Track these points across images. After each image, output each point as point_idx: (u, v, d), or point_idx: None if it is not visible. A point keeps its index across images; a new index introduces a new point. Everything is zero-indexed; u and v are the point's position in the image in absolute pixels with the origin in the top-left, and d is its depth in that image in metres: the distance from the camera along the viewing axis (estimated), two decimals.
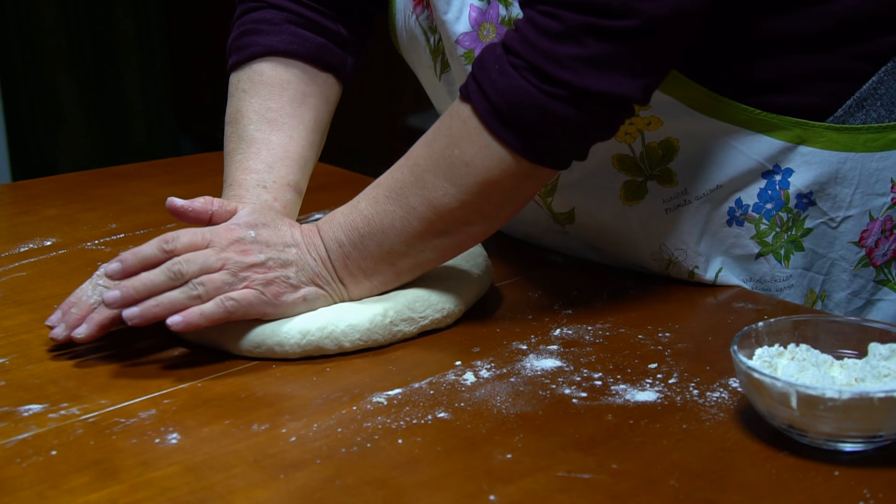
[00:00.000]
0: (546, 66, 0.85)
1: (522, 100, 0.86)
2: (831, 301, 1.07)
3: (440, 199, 0.91)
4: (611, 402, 0.84)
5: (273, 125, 1.06)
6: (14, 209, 1.40)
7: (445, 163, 0.90)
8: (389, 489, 0.72)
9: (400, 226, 0.92)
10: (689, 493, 0.72)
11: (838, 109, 1.01)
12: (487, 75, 0.88)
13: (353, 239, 0.94)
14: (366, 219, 0.94)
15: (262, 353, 0.92)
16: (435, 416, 0.81)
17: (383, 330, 0.93)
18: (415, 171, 0.92)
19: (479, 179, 0.90)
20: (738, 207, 1.03)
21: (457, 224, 0.93)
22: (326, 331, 0.92)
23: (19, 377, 0.89)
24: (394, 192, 0.93)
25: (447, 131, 0.91)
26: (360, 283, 0.96)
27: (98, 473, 0.74)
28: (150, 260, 0.90)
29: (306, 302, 0.94)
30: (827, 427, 0.74)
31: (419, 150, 0.93)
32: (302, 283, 0.93)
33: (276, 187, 1.03)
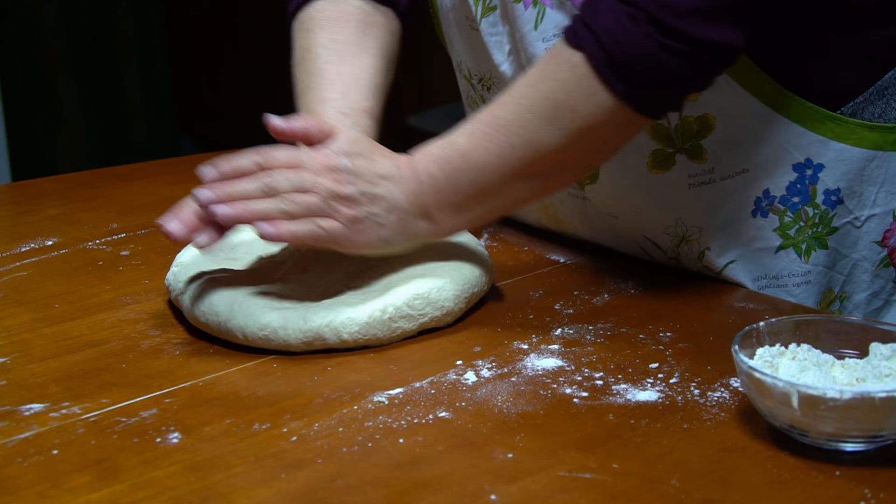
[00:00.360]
0: (666, 18, 0.87)
1: (639, 50, 0.88)
2: (850, 303, 1.07)
3: (541, 140, 0.92)
4: (612, 401, 0.84)
5: (341, 56, 1.09)
6: (15, 209, 1.40)
7: (551, 106, 0.91)
8: (391, 488, 0.72)
9: (497, 163, 0.93)
10: (690, 492, 0.72)
11: (859, 95, 1.02)
12: (603, 24, 0.89)
13: (447, 172, 0.95)
14: (462, 153, 0.94)
15: (266, 335, 0.92)
16: (436, 416, 0.82)
17: (382, 325, 0.93)
18: (517, 111, 0.93)
19: (582, 125, 0.91)
20: (765, 198, 1.03)
21: (552, 166, 0.94)
22: (326, 319, 0.92)
23: (20, 376, 0.89)
24: (493, 128, 0.93)
25: (554, 75, 0.92)
26: (448, 218, 0.96)
27: (99, 473, 0.74)
28: (244, 170, 0.93)
29: (387, 244, 0.95)
30: (828, 427, 0.74)
31: (523, 90, 0.93)
32: (387, 223, 0.94)
33: (354, 113, 1.06)
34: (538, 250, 1.18)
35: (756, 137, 1.02)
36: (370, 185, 0.94)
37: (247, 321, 0.92)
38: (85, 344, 0.95)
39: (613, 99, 0.90)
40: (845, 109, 1.02)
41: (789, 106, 1.01)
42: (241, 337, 0.93)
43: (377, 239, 0.95)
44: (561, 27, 1.00)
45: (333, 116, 1.05)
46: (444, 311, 0.97)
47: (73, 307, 1.03)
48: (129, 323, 0.99)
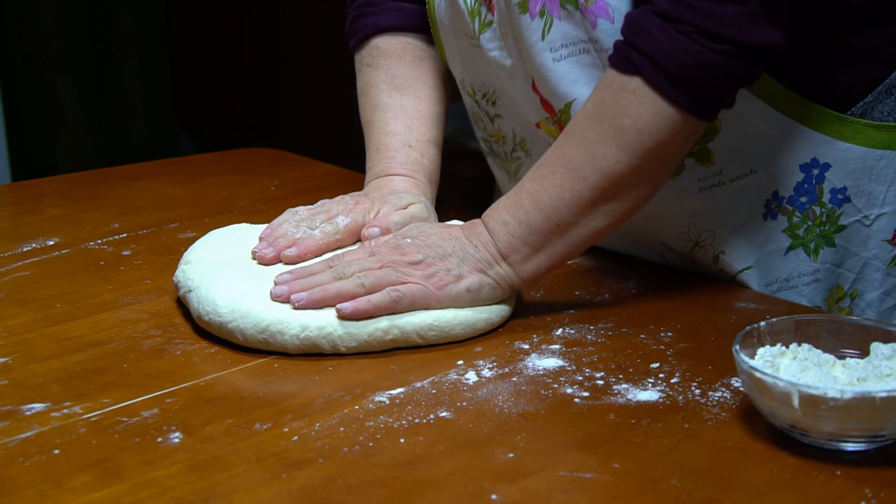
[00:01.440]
0: (716, 28, 0.89)
1: (697, 61, 0.90)
2: (863, 301, 1.08)
3: (612, 167, 0.93)
4: (613, 401, 0.84)
5: (401, 90, 1.17)
6: (17, 209, 1.40)
7: (615, 133, 0.93)
8: (391, 488, 0.72)
9: (570, 197, 0.95)
10: (691, 492, 0.72)
11: (868, 95, 1.02)
12: (657, 45, 0.91)
13: (518, 217, 0.96)
14: (532, 196, 0.96)
15: (265, 339, 0.92)
16: (437, 416, 0.82)
17: (381, 344, 0.93)
18: (582, 144, 0.94)
19: (651, 144, 0.92)
20: (775, 200, 1.04)
21: (626, 189, 0.95)
22: (324, 332, 0.92)
23: (22, 376, 0.89)
24: (561, 166, 0.95)
25: (613, 103, 0.93)
26: (528, 260, 0.97)
27: (100, 472, 0.74)
28: (317, 270, 0.98)
29: (470, 292, 0.96)
30: (829, 427, 0.74)
31: (584, 124, 0.95)
32: (464, 274, 0.96)
33: (420, 144, 1.15)
34: None
35: (762, 138, 1.02)
36: (437, 247, 0.97)
37: (246, 323, 0.92)
38: (86, 344, 0.95)
39: (678, 112, 0.92)
40: (855, 109, 1.02)
41: (794, 107, 1.01)
42: (240, 338, 0.93)
43: (462, 290, 0.95)
44: (571, 38, 1.01)
45: (401, 149, 1.13)
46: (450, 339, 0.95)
47: (74, 307, 1.03)
48: (131, 323, 0.99)
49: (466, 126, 1.25)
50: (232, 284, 0.96)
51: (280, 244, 1.03)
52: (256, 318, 0.92)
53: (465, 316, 0.95)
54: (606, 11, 0.97)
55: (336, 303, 0.93)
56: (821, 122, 1.02)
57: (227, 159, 1.60)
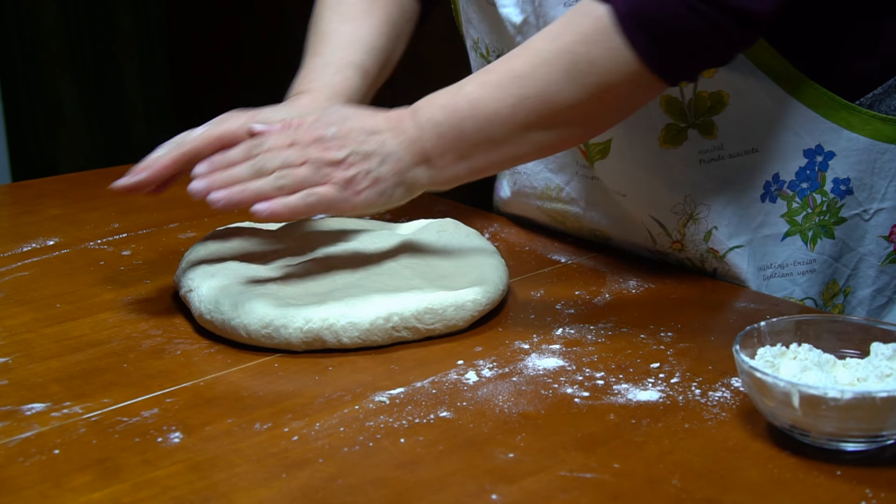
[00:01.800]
0: None
1: (667, 10, 0.87)
2: (855, 298, 1.08)
3: (555, 94, 0.91)
4: (613, 401, 0.84)
5: (343, 17, 1.15)
6: (17, 209, 1.40)
7: (569, 59, 0.90)
8: (391, 488, 0.72)
9: (507, 114, 0.92)
10: (691, 492, 0.72)
11: (878, 87, 1.02)
12: None
13: (452, 121, 0.93)
14: (471, 102, 0.93)
15: (269, 333, 0.92)
16: (437, 416, 0.82)
17: (383, 333, 0.93)
18: (533, 63, 0.92)
19: (599, 81, 0.90)
20: (775, 182, 1.04)
21: (562, 122, 0.93)
22: (327, 322, 0.92)
23: (22, 376, 0.89)
24: (507, 79, 0.92)
25: (576, 28, 0.91)
26: (449, 166, 0.95)
27: (100, 472, 0.74)
28: (234, 160, 0.94)
29: (383, 196, 0.94)
30: (829, 427, 0.74)
31: (541, 42, 0.93)
32: (382, 176, 0.93)
33: (340, 64, 1.11)
34: (539, 250, 1.18)
35: (768, 118, 1.02)
36: (358, 144, 0.94)
37: (250, 319, 0.92)
38: (86, 344, 0.95)
39: (633, 57, 0.89)
40: (864, 100, 1.02)
41: (804, 90, 1.01)
42: (244, 335, 0.93)
43: (375, 194, 0.94)
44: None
45: (319, 70, 1.10)
46: (451, 326, 0.96)
47: (74, 307, 1.03)
48: (131, 323, 0.99)
49: None
50: (233, 282, 0.97)
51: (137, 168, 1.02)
52: (260, 314, 0.92)
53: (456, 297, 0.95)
54: None
55: (254, 202, 0.91)
56: (829, 108, 1.01)
57: None
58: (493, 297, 0.99)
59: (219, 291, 0.95)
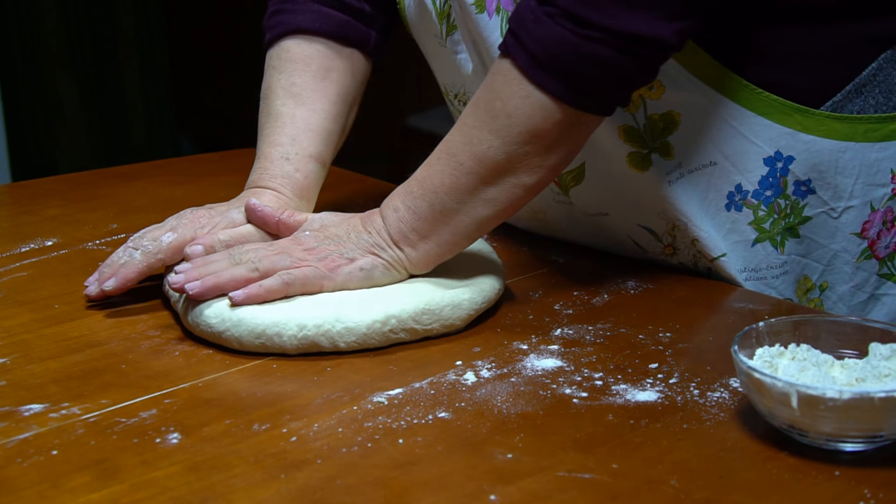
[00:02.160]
0: (577, 9, 0.88)
1: (559, 45, 0.89)
2: (834, 293, 1.08)
3: (485, 152, 0.93)
4: (611, 401, 0.84)
5: (297, 99, 1.12)
6: (15, 209, 1.40)
7: (488, 116, 0.93)
8: (390, 489, 0.72)
9: (449, 182, 0.95)
10: (690, 492, 0.72)
11: (837, 94, 1.02)
12: (524, 27, 0.90)
13: (407, 203, 0.97)
14: (418, 181, 0.97)
15: (262, 342, 0.92)
16: (436, 416, 0.82)
17: (381, 336, 0.93)
18: (462, 130, 0.95)
19: (521, 129, 0.92)
20: (738, 192, 1.04)
21: (503, 175, 0.94)
22: (322, 329, 0.92)
23: (20, 377, 0.89)
24: (444, 152, 0.96)
25: (489, 87, 0.94)
26: (416, 246, 0.97)
27: (99, 473, 0.74)
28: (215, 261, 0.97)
29: (363, 272, 0.96)
30: (827, 427, 0.74)
31: (467, 110, 0.96)
32: (357, 256, 0.96)
33: (299, 158, 1.10)
34: (537, 251, 1.18)
35: (723, 132, 1.02)
36: (331, 236, 0.98)
37: (241, 331, 0.92)
38: (84, 344, 0.95)
39: (547, 98, 0.90)
40: (824, 108, 1.02)
41: (753, 99, 1.01)
42: (237, 346, 0.93)
43: (354, 269, 0.96)
44: None
45: (277, 161, 1.10)
46: (448, 326, 0.96)
47: (72, 308, 1.03)
48: (129, 324, 0.99)
49: None
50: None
51: (104, 274, 1.02)
52: (251, 325, 0.92)
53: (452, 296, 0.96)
54: None
55: (230, 289, 0.93)
56: (782, 114, 1.01)
57: (226, 159, 1.60)
58: (489, 296, 0.99)
59: (205, 304, 0.94)
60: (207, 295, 0.93)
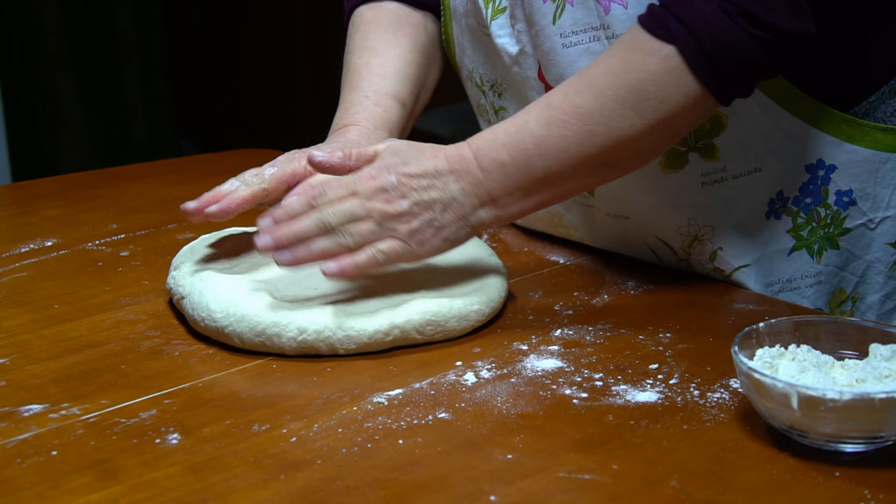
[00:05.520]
0: (759, 12, 0.89)
1: (733, 41, 0.89)
2: (864, 304, 1.08)
3: (626, 129, 0.93)
4: (611, 402, 0.84)
5: (371, 52, 1.18)
6: (15, 209, 1.40)
7: (638, 97, 0.92)
8: (390, 490, 0.72)
9: (575, 150, 0.94)
10: (690, 493, 0.72)
11: (872, 95, 1.02)
12: (700, 18, 0.90)
13: (518, 161, 0.94)
14: (536, 140, 0.94)
15: (262, 342, 0.92)
16: (436, 417, 0.81)
17: (381, 345, 0.93)
18: (599, 100, 0.93)
19: (668, 115, 0.92)
20: (779, 199, 1.04)
21: (629, 154, 0.95)
22: (323, 335, 0.92)
23: (20, 377, 0.89)
24: (573, 116, 0.93)
25: (640, 66, 0.92)
26: (514, 204, 0.96)
27: (98, 474, 0.74)
28: (296, 213, 0.95)
29: (448, 242, 0.96)
30: (828, 428, 0.74)
31: (605, 79, 0.93)
32: (446, 223, 0.95)
33: (377, 96, 1.14)
34: (538, 251, 1.18)
35: (768, 137, 1.02)
36: (421, 191, 0.94)
37: (242, 328, 0.92)
38: (84, 345, 0.95)
39: (701, 89, 0.91)
40: (858, 109, 1.02)
41: (801, 106, 1.01)
42: (237, 342, 0.93)
43: (441, 242, 0.96)
44: (582, 25, 1.00)
45: (358, 103, 1.13)
46: (450, 335, 0.96)
47: (72, 308, 1.03)
48: (129, 324, 0.99)
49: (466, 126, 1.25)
50: (223, 288, 0.96)
51: (205, 199, 1.02)
52: (252, 322, 0.92)
53: (460, 308, 0.95)
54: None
55: (318, 259, 0.93)
56: (828, 122, 1.01)
57: (225, 159, 1.60)
58: (495, 306, 0.99)
59: (210, 298, 0.95)
60: (296, 265, 0.94)
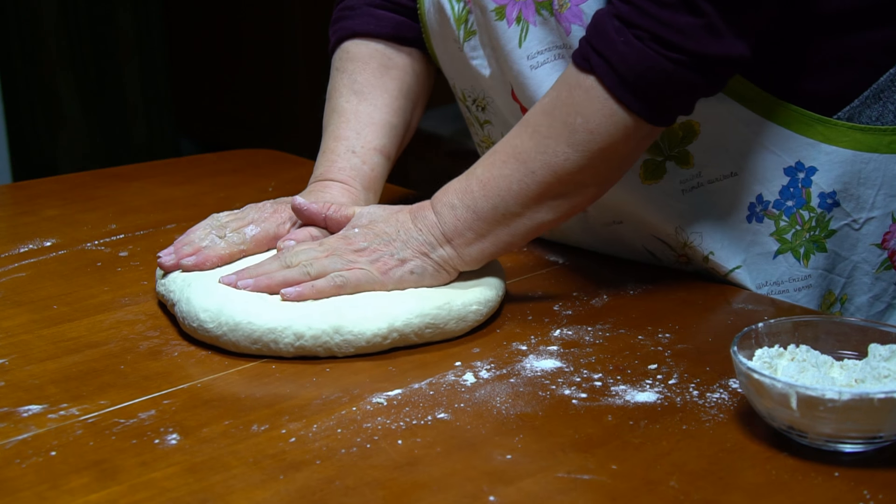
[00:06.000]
0: (670, 36, 0.90)
1: (651, 69, 0.90)
2: (852, 305, 1.08)
3: (561, 164, 0.94)
4: (610, 402, 0.84)
5: (360, 96, 1.16)
6: (14, 209, 1.40)
7: (567, 130, 0.94)
8: (389, 490, 0.72)
9: (517, 188, 0.96)
10: (689, 493, 0.72)
11: (855, 100, 1.01)
12: (612, 47, 0.91)
13: (466, 202, 0.97)
14: (482, 182, 0.97)
15: (258, 349, 0.92)
16: (435, 417, 0.81)
17: (380, 349, 0.93)
18: (535, 138, 0.95)
19: (601, 145, 0.93)
20: (759, 203, 1.04)
21: (574, 186, 0.96)
22: (321, 340, 0.91)
23: (19, 378, 0.89)
24: (512, 157, 0.96)
25: (568, 100, 0.94)
26: (471, 245, 0.98)
27: (98, 474, 0.74)
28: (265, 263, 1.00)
29: (414, 275, 0.98)
30: (827, 428, 0.74)
31: (538, 118, 0.96)
32: (408, 257, 0.97)
33: (364, 151, 1.13)
34: (537, 251, 1.18)
35: (742, 141, 1.02)
36: (382, 234, 0.98)
37: (237, 336, 0.92)
38: (83, 345, 0.95)
39: (630, 117, 0.92)
40: (841, 114, 1.01)
41: (774, 110, 1.01)
42: (234, 349, 0.92)
43: (406, 273, 0.97)
44: (546, 44, 1.02)
45: (344, 154, 1.13)
46: (450, 334, 0.96)
47: (71, 308, 1.03)
48: (128, 324, 0.99)
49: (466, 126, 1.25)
50: (211, 296, 0.95)
51: (183, 251, 1.03)
52: (246, 331, 0.91)
53: (458, 310, 0.95)
54: (580, 17, 0.98)
55: (281, 288, 0.95)
56: (803, 125, 1.01)
57: (224, 160, 1.60)
58: (492, 306, 0.99)
59: (199, 307, 0.94)
60: (260, 291, 0.96)
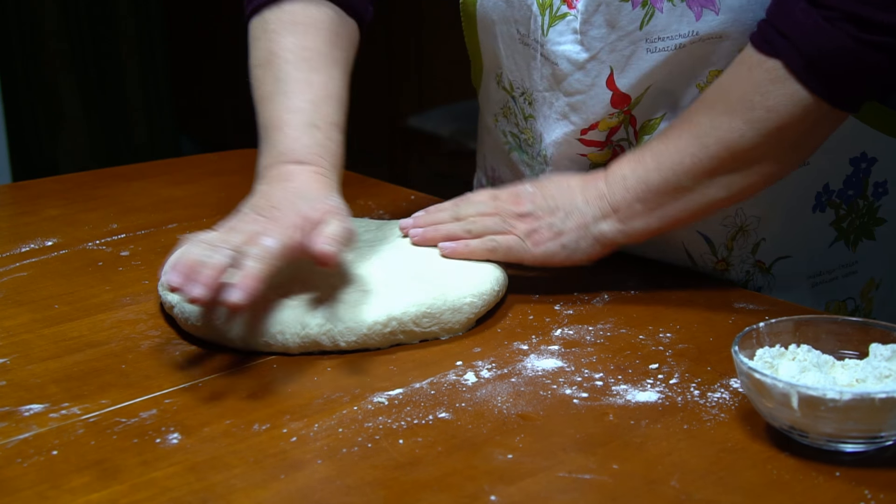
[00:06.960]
0: (866, 12, 0.87)
1: (840, 53, 0.89)
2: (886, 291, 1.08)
3: (736, 140, 0.94)
4: (612, 402, 0.84)
5: (311, 64, 1.03)
6: (15, 209, 1.40)
7: (743, 107, 0.93)
8: (390, 489, 0.72)
9: (689, 162, 0.96)
10: (690, 493, 0.72)
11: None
12: (801, 31, 0.90)
13: (638, 172, 0.98)
14: (653, 153, 0.98)
15: (266, 340, 0.92)
16: (436, 417, 0.81)
17: (381, 337, 0.93)
18: (709, 114, 0.95)
19: (778, 124, 0.93)
20: (825, 192, 1.05)
21: (747, 163, 0.95)
22: (325, 328, 0.92)
23: (20, 377, 0.89)
24: (686, 131, 0.97)
25: (748, 79, 0.94)
26: (637, 217, 0.99)
27: (99, 473, 0.74)
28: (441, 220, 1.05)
29: (565, 249, 1.00)
30: (828, 428, 0.74)
31: (715, 95, 0.96)
32: (565, 230, 0.99)
33: (326, 126, 1.01)
34: None
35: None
36: (548, 199, 0.99)
37: (244, 329, 0.92)
38: (84, 344, 0.95)
39: (811, 96, 0.91)
40: None
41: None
42: (241, 345, 0.93)
43: (556, 246, 0.99)
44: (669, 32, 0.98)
45: (304, 129, 1.00)
46: (450, 330, 0.96)
47: (72, 308, 1.03)
48: (129, 323, 0.99)
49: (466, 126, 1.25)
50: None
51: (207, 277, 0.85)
52: (252, 324, 0.92)
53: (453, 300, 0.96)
54: (713, 1, 0.97)
55: (442, 241, 1.02)
56: (874, 116, 1.02)
57: (225, 160, 1.60)
58: (488, 300, 0.99)
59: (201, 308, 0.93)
60: (422, 242, 1.03)
